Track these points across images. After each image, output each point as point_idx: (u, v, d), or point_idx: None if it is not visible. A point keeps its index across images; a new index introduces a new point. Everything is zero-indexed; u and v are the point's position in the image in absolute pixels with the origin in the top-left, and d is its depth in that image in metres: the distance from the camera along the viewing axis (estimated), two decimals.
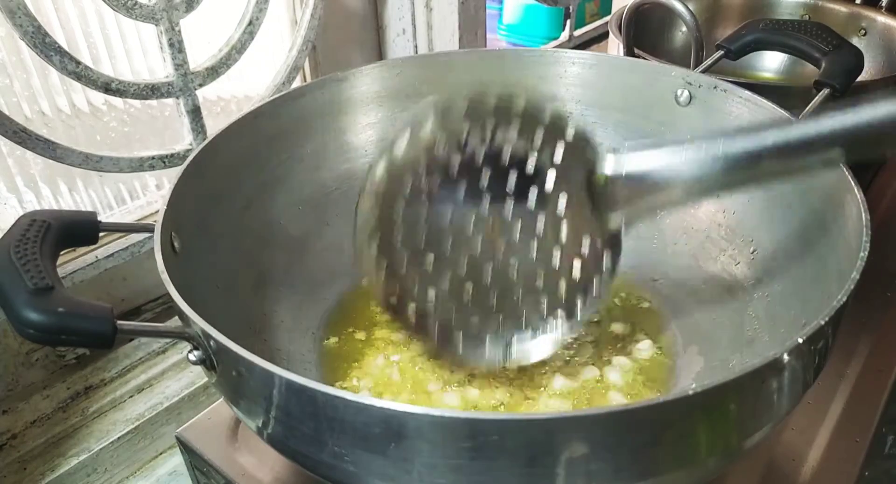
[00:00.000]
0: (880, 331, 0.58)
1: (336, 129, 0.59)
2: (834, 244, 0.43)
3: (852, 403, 0.52)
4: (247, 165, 0.53)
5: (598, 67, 0.60)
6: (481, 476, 0.32)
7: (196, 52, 0.62)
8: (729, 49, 0.63)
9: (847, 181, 0.43)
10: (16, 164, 0.60)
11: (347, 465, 0.34)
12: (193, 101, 0.63)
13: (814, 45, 0.60)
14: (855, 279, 0.36)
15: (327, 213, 0.58)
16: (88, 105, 0.64)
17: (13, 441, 0.57)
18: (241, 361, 0.33)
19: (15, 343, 0.58)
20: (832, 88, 0.56)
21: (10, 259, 0.36)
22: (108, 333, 0.34)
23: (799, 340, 0.32)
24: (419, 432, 0.31)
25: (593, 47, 1.18)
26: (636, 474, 0.33)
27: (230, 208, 0.51)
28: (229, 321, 0.42)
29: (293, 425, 0.34)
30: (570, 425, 0.30)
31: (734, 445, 0.36)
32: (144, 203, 0.69)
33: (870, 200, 0.40)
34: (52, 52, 0.53)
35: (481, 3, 0.85)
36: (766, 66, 0.93)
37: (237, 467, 0.48)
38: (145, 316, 0.67)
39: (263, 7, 0.65)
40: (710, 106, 0.55)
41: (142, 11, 0.57)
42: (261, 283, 0.53)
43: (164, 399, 0.62)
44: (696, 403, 0.31)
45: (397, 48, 0.86)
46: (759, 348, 0.47)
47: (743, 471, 0.47)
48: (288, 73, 0.71)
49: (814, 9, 0.91)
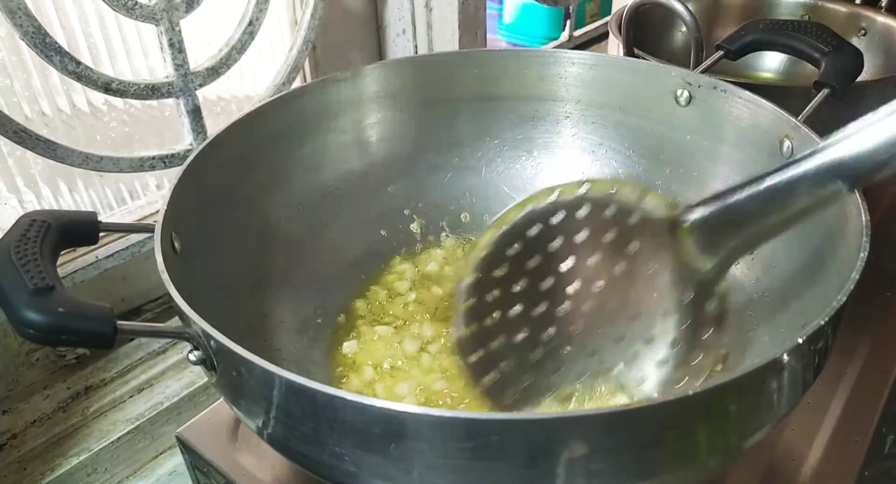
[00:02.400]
0: (880, 331, 0.58)
1: (336, 129, 0.59)
2: (834, 244, 0.43)
3: (852, 403, 0.52)
4: (247, 165, 0.53)
5: (598, 67, 0.60)
6: (481, 476, 0.32)
7: (196, 52, 0.62)
8: (729, 49, 0.63)
9: None
10: (16, 164, 0.60)
11: (347, 465, 0.33)
12: (193, 101, 0.63)
13: (813, 45, 0.60)
14: (855, 279, 0.35)
15: (327, 213, 0.58)
16: (88, 105, 0.64)
17: (13, 441, 0.57)
18: (241, 362, 0.33)
19: (15, 343, 0.58)
20: (832, 89, 0.56)
21: (10, 259, 0.36)
22: (108, 333, 0.34)
23: (799, 340, 0.32)
24: (419, 432, 0.31)
25: (593, 47, 1.18)
26: (636, 474, 0.33)
27: (230, 208, 0.51)
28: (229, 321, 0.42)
29: (293, 426, 0.34)
30: (570, 425, 0.30)
31: (734, 445, 0.36)
32: (144, 203, 0.69)
33: (870, 200, 0.40)
34: (53, 52, 0.53)
35: (481, 3, 0.85)
36: (766, 66, 0.93)
37: (237, 467, 0.48)
38: (145, 316, 0.67)
39: (263, 7, 0.65)
40: (710, 106, 0.55)
41: (142, 11, 0.57)
42: (261, 283, 0.53)
43: (164, 399, 0.62)
44: (696, 403, 0.31)
45: (397, 48, 0.86)
46: (759, 348, 0.47)
47: (743, 471, 0.47)
48: (288, 73, 0.71)
49: (814, 9, 0.91)
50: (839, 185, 0.38)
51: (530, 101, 0.62)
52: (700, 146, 0.57)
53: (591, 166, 0.62)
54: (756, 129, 0.52)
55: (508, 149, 0.64)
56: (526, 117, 0.63)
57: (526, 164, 0.64)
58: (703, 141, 0.57)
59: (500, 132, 0.63)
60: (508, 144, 0.64)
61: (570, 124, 0.62)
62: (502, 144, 0.64)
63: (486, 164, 0.64)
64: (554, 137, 0.63)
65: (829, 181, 0.38)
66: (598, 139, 0.62)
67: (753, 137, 0.52)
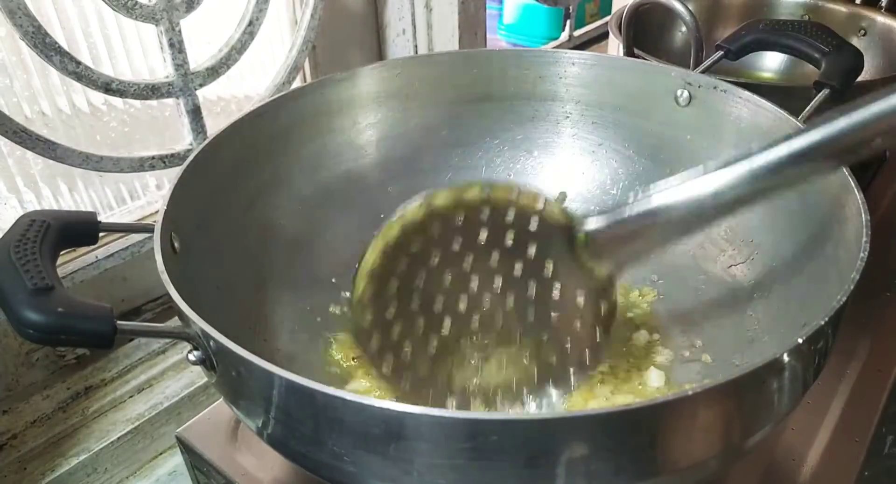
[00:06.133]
0: (880, 331, 0.58)
1: (336, 129, 0.59)
2: (834, 245, 0.43)
3: (852, 403, 0.52)
4: (247, 165, 0.53)
5: (598, 67, 0.60)
6: (481, 476, 0.32)
7: (196, 52, 0.62)
8: (729, 49, 0.63)
9: (847, 182, 0.43)
10: (16, 164, 0.60)
11: (347, 465, 0.34)
12: (193, 101, 0.63)
13: (813, 45, 0.60)
14: (855, 280, 0.35)
15: (327, 213, 0.58)
16: (88, 105, 0.64)
17: (13, 441, 0.57)
18: (241, 362, 0.33)
19: (15, 343, 0.58)
20: (832, 89, 0.56)
21: (9, 259, 0.36)
22: (108, 333, 0.34)
23: (799, 340, 0.32)
24: (419, 433, 0.31)
25: (593, 47, 1.18)
26: (636, 474, 0.33)
27: (230, 208, 0.51)
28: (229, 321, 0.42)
29: (293, 426, 0.34)
30: (570, 425, 0.30)
31: (734, 445, 0.36)
32: (144, 203, 0.69)
33: (870, 200, 0.40)
34: (53, 52, 0.53)
35: (481, 3, 0.85)
36: (766, 66, 0.93)
37: (237, 467, 0.48)
38: (145, 316, 0.67)
39: (263, 7, 0.65)
40: (709, 106, 0.55)
41: (142, 11, 0.57)
42: (261, 283, 0.53)
43: (164, 399, 0.62)
44: (696, 403, 0.31)
45: (397, 48, 0.86)
46: (760, 348, 0.47)
47: (743, 471, 0.47)
48: (288, 73, 0.71)
49: (814, 9, 0.91)
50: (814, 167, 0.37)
51: (530, 101, 0.62)
52: (700, 146, 0.57)
53: (591, 166, 0.62)
54: (756, 129, 0.52)
55: (508, 149, 0.64)
56: (526, 117, 0.63)
57: (526, 164, 0.64)
58: (703, 141, 0.57)
59: (500, 132, 0.63)
60: (508, 144, 0.64)
61: (570, 124, 0.62)
62: (502, 144, 0.64)
63: (486, 165, 0.64)
64: (554, 137, 0.63)
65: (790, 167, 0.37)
66: (598, 139, 0.62)
67: (753, 137, 0.52)
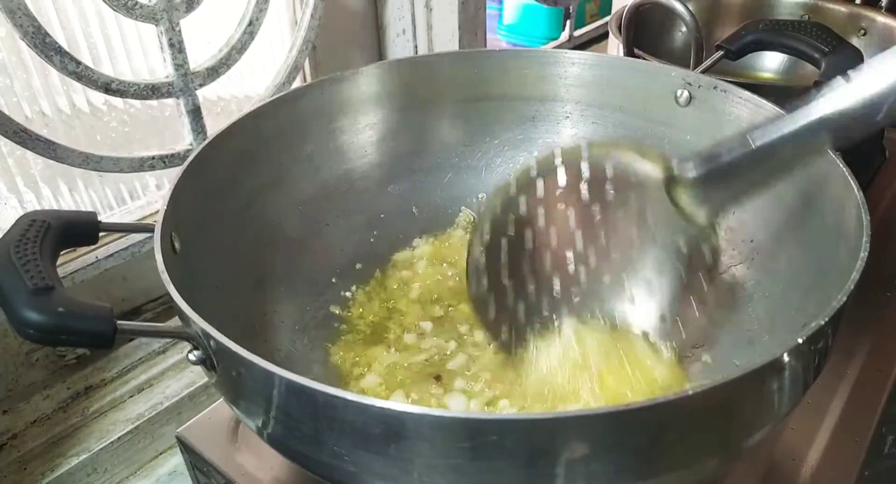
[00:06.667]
0: (880, 331, 0.58)
1: (336, 130, 0.59)
2: (834, 245, 0.43)
3: (852, 403, 0.52)
4: (247, 165, 0.53)
5: (598, 67, 0.60)
6: (481, 476, 0.32)
7: (196, 52, 0.62)
8: (729, 49, 0.63)
9: (847, 182, 0.43)
10: (16, 164, 0.60)
11: (347, 465, 0.34)
12: (193, 101, 0.63)
13: (813, 45, 0.60)
14: (855, 280, 0.35)
15: (327, 213, 0.58)
16: (88, 105, 0.64)
17: (13, 441, 0.57)
18: (241, 361, 0.33)
19: (15, 343, 0.58)
20: None
21: (10, 259, 0.36)
22: (108, 333, 0.34)
23: (799, 340, 0.32)
24: (419, 433, 0.31)
25: (593, 47, 1.18)
26: (636, 474, 0.33)
27: (230, 208, 0.51)
28: (229, 321, 0.42)
29: (293, 425, 0.34)
30: (570, 425, 0.30)
31: (734, 445, 0.36)
32: (144, 203, 0.69)
33: (870, 200, 0.40)
34: (53, 52, 0.53)
35: (481, 4, 0.85)
36: (766, 66, 0.93)
37: (237, 467, 0.48)
38: (145, 316, 0.67)
39: (263, 7, 0.65)
40: (709, 106, 0.55)
41: (142, 11, 0.57)
42: (261, 283, 0.53)
43: (164, 399, 0.62)
44: (696, 403, 0.31)
45: (397, 48, 0.86)
46: (760, 348, 0.47)
47: (743, 471, 0.47)
48: (288, 73, 0.71)
49: (814, 9, 0.91)
50: (822, 140, 0.41)
51: (530, 101, 0.62)
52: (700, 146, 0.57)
53: None
54: None
55: (508, 149, 0.64)
56: (526, 117, 0.63)
57: None
58: (703, 141, 0.56)
59: (500, 132, 0.63)
60: (508, 144, 0.64)
61: (570, 124, 0.62)
62: (502, 144, 0.64)
63: (486, 165, 0.64)
64: (554, 137, 0.63)
65: (814, 137, 0.41)
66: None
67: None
